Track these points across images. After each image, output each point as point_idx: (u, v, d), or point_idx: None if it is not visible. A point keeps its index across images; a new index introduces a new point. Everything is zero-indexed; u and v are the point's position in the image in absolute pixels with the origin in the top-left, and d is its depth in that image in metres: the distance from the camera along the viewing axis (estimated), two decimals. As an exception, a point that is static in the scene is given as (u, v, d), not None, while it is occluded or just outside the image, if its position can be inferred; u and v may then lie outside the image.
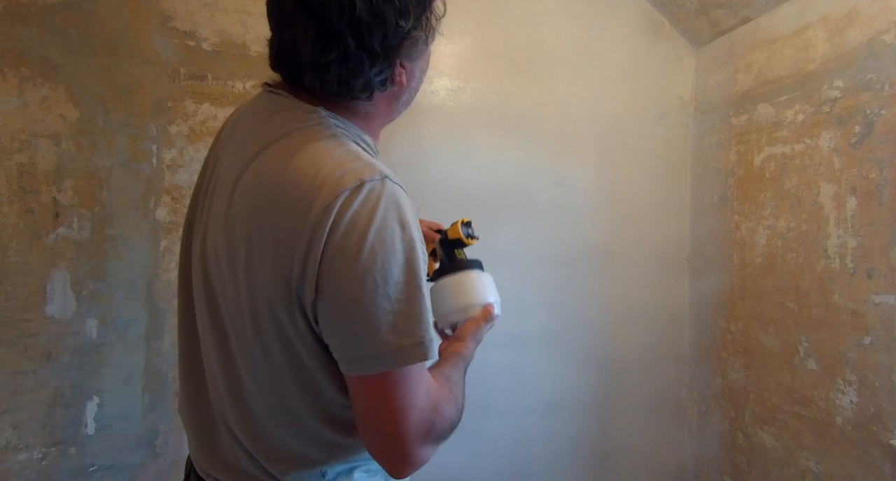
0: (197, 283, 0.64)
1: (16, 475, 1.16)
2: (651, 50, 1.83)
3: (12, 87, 1.16)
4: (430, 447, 0.56)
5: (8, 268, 1.16)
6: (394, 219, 0.53)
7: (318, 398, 0.59)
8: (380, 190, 0.53)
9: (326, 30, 0.54)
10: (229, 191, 0.59)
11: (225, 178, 0.62)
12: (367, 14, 0.53)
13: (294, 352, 0.56)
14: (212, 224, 0.61)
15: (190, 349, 0.68)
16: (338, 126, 0.60)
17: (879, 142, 1.27)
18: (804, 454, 1.45)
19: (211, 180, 0.65)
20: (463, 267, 0.84)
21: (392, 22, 0.55)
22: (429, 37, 0.61)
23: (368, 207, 0.52)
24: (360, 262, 0.51)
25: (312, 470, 0.61)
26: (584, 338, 1.75)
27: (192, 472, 0.69)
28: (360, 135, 0.63)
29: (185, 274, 0.69)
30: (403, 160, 1.54)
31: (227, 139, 0.67)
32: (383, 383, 0.53)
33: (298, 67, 0.59)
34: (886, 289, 1.25)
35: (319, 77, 0.58)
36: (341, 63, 0.55)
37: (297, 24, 0.55)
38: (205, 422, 0.67)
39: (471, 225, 0.89)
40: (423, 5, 0.58)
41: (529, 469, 1.68)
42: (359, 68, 0.56)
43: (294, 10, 0.55)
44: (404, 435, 0.54)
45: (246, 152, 0.60)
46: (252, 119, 0.64)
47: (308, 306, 0.53)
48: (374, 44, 0.55)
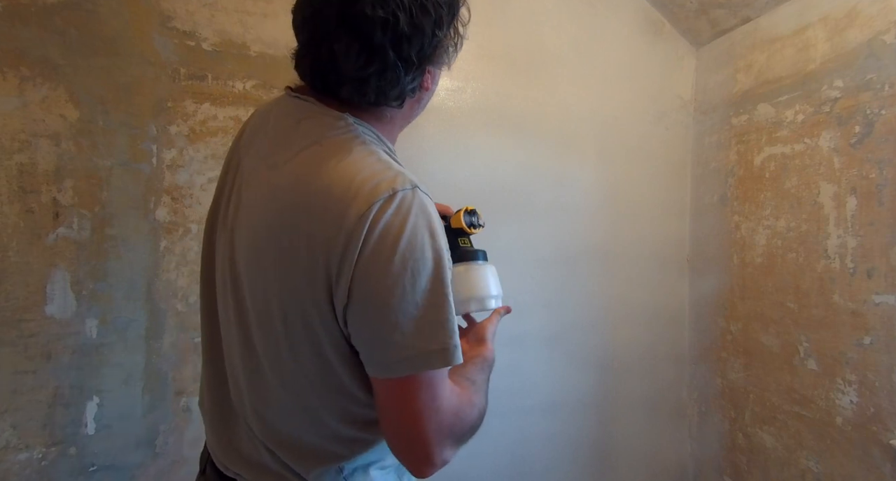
0: (222, 285, 0.66)
1: (16, 475, 1.16)
2: (651, 50, 1.83)
3: (12, 87, 1.16)
4: (450, 448, 0.58)
5: (8, 268, 1.16)
6: (424, 228, 0.55)
7: (343, 397, 0.60)
8: (411, 199, 0.55)
9: (369, 45, 0.55)
10: (259, 197, 0.60)
11: (252, 183, 0.63)
12: (408, 27, 0.55)
13: (322, 352, 0.58)
14: (239, 228, 0.63)
15: (213, 348, 0.70)
16: (366, 133, 0.62)
17: (879, 142, 1.27)
18: (804, 454, 1.45)
19: (234, 183, 0.67)
20: (465, 257, 0.82)
21: (429, 33, 0.57)
22: (458, 43, 0.63)
23: (400, 217, 0.54)
24: (391, 270, 0.53)
25: (331, 465, 0.62)
26: (584, 338, 1.75)
27: (210, 464, 0.71)
28: (384, 142, 0.65)
29: (209, 275, 0.71)
30: (403, 160, 1.51)
31: (249, 142, 0.68)
32: (407, 386, 0.55)
33: (335, 79, 0.60)
34: (886, 289, 1.25)
35: (359, 89, 0.59)
36: (381, 75, 0.57)
37: (338, 39, 0.56)
38: (225, 418, 0.68)
39: (475, 213, 0.86)
40: (453, 13, 0.60)
41: (529, 469, 1.68)
42: (396, 78, 0.58)
43: (336, 26, 0.55)
44: (425, 436, 0.55)
45: (275, 158, 0.61)
46: (278, 124, 0.65)
47: (339, 310, 0.55)
48: (412, 54, 0.57)
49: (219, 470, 0.68)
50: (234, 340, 0.64)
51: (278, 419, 0.62)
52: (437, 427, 0.56)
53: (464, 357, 0.73)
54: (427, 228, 0.55)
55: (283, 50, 1.38)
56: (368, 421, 0.62)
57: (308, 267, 0.55)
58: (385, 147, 0.64)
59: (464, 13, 0.63)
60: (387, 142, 0.66)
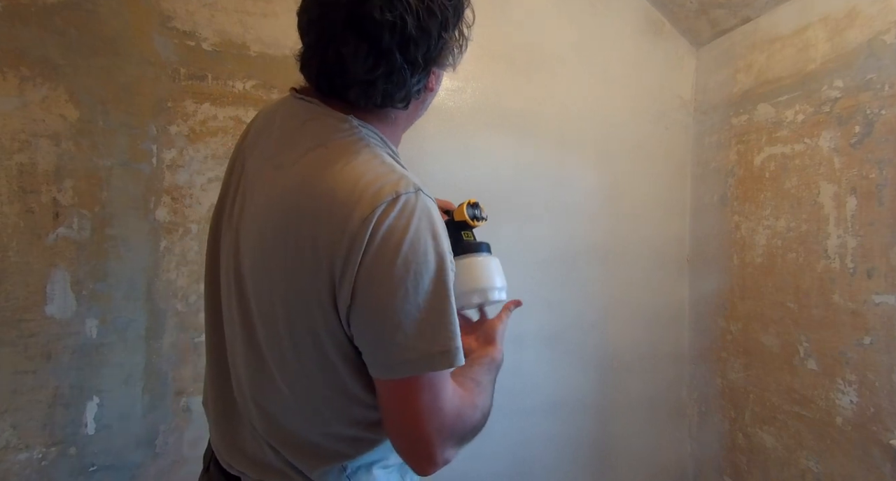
0: (227, 285, 0.66)
1: (16, 475, 1.16)
2: (651, 50, 1.83)
3: (12, 87, 1.16)
4: (452, 448, 0.58)
5: (8, 268, 1.16)
6: (427, 231, 0.55)
7: (346, 397, 0.61)
8: (414, 202, 0.55)
9: (377, 48, 0.55)
10: (264, 199, 0.61)
11: (257, 184, 0.63)
12: (415, 30, 0.55)
13: (325, 353, 0.58)
14: (244, 229, 0.63)
15: (217, 347, 0.71)
16: (370, 136, 0.62)
17: (879, 142, 1.27)
18: (804, 454, 1.45)
19: (239, 185, 0.67)
20: (468, 250, 0.83)
21: (436, 35, 0.57)
22: (463, 45, 0.63)
23: (404, 220, 0.54)
24: (394, 272, 0.53)
25: (335, 464, 0.63)
26: (584, 338, 1.75)
27: (214, 463, 0.71)
28: (388, 144, 0.65)
29: (213, 276, 0.71)
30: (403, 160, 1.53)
31: (253, 143, 0.69)
32: (409, 387, 0.55)
33: (342, 82, 0.60)
34: (886, 289, 1.25)
35: (366, 92, 0.59)
36: (387, 77, 0.58)
37: (345, 42, 0.56)
38: (229, 417, 0.69)
39: (478, 206, 0.87)
40: (458, 15, 0.60)
41: (530, 469, 1.68)
42: (402, 81, 0.59)
43: (343, 29, 0.55)
44: (427, 436, 0.56)
45: (281, 159, 0.61)
46: (283, 125, 0.65)
47: (343, 312, 0.55)
48: (419, 56, 0.58)
49: (223, 469, 0.68)
50: (238, 340, 0.65)
51: (282, 418, 0.63)
52: (439, 427, 0.56)
53: (471, 356, 0.75)
54: (430, 231, 0.56)
55: (283, 50, 1.38)
56: (371, 421, 0.62)
57: (312, 268, 0.55)
58: (389, 149, 0.65)
59: (468, 15, 0.63)
60: (390, 144, 0.66)
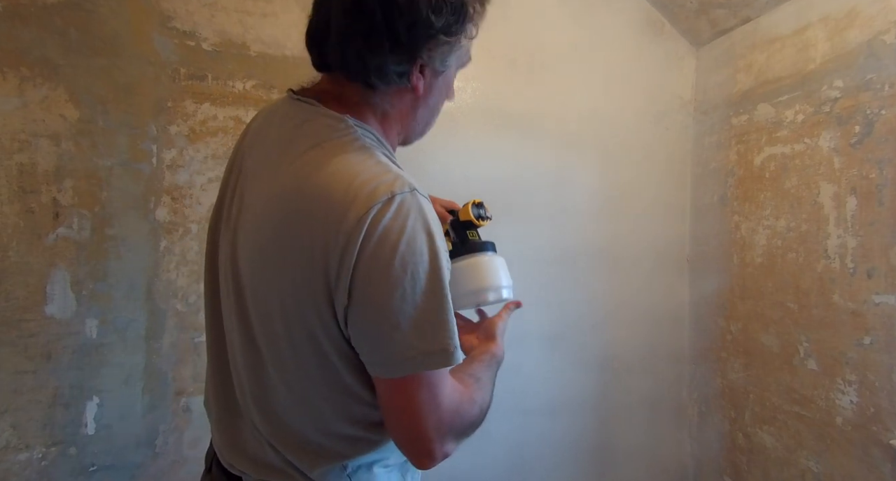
0: (225, 285, 0.67)
1: (16, 475, 1.17)
2: (651, 50, 1.83)
3: (12, 87, 1.16)
4: (450, 444, 0.60)
5: (8, 268, 1.16)
6: (422, 230, 0.55)
7: (345, 396, 0.61)
8: (409, 202, 0.56)
9: (360, 3, 0.57)
10: (261, 199, 0.61)
11: (255, 184, 0.64)
12: None
13: (324, 352, 0.59)
14: (242, 229, 0.63)
15: (217, 347, 0.71)
16: (365, 135, 0.63)
17: (879, 142, 1.27)
18: (804, 454, 1.45)
19: (237, 185, 0.68)
20: (474, 249, 0.83)
21: (423, 13, 0.57)
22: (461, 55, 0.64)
23: (399, 220, 0.54)
24: (391, 272, 0.53)
25: (335, 463, 0.63)
26: (584, 339, 1.75)
27: (215, 463, 0.72)
28: (384, 144, 0.66)
29: (212, 276, 0.72)
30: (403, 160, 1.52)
31: (251, 144, 0.69)
32: (408, 385, 0.56)
33: (324, 41, 0.61)
34: (886, 289, 1.25)
35: (342, 50, 0.60)
36: (365, 37, 0.58)
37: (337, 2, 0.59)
38: (230, 416, 0.69)
39: (482, 205, 0.87)
40: (459, 14, 0.60)
41: (531, 468, 1.68)
42: (378, 48, 0.59)
43: None
44: (426, 433, 0.57)
45: (278, 160, 0.62)
46: (281, 126, 0.65)
47: (340, 311, 0.56)
48: (400, 28, 0.58)
49: (224, 469, 0.69)
50: (238, 340, 0.65)
51: (282, 418, 0.63)
52: (437, 424, 0.57)
53: (472, 353, 0.76)
54: (425, 231, 0.56)
55: (283, 50, 1.38)
56: (372, 421, 0.63)
57: (308, 268, 0.56)
58: (385, 150, 0.65)
59: (471, 29, 0.63)
60: (386, 145, 0.67)
